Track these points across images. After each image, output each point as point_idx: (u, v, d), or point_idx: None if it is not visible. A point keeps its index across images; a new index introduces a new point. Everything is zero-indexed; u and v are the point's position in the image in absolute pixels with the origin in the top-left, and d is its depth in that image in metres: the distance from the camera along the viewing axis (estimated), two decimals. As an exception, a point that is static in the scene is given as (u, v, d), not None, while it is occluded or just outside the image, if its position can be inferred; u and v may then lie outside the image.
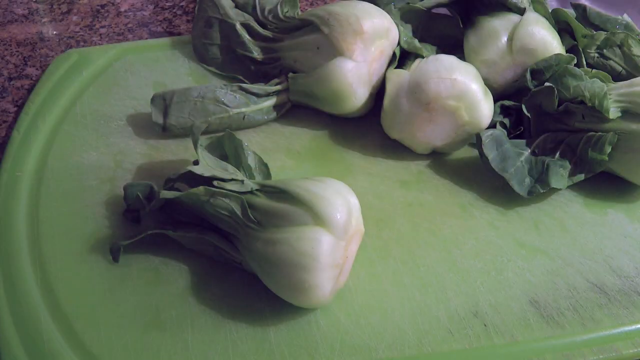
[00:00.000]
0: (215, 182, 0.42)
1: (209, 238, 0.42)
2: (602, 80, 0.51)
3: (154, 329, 0.40)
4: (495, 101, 0.53)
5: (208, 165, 0.44)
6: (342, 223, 0.38)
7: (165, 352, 0.38)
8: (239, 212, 0.40)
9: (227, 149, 0.47)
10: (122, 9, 0.73)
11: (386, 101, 0.53)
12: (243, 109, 0.54)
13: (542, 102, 0.53)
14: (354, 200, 0.41)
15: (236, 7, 0.61)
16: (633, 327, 0.42)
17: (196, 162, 0.44)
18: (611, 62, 0.56)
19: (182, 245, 0.45)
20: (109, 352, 0.38)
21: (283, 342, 0.40)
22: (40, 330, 0.39)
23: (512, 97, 0.56)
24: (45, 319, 0.40)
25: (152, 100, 0.53)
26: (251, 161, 0.46)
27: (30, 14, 0.72)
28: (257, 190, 0.41)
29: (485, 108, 0.51)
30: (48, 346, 0.38)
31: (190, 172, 0.43)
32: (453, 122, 0.51)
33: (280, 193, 0.40)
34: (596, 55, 0.57)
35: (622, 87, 0.50)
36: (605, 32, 0.57)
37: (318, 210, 0.38)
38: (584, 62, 0.56)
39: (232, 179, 0.42)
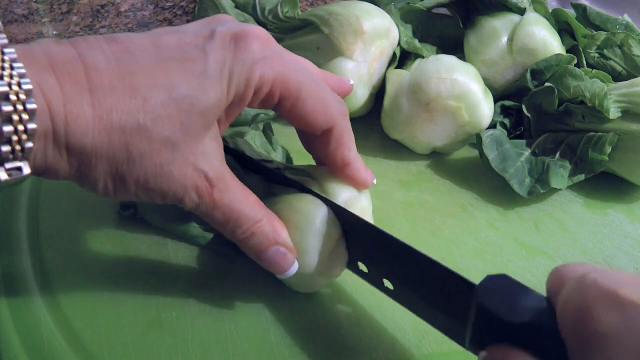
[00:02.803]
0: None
1: None
2: (602, 81, 0.51)
3: (154, 329, 0.40)
4: (495, 101, 0.53)
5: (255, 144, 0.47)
6: (344, 202, 0.39)
7: (165, 352, 0.38)
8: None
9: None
10: (122, 9, 0.73)
11: (386, 101, 0.53)
12: (243, 109, 0.54)
13: (542, 102, 0.53)
14: (364, 197, 0.41)
15: (236, 7, 0.61)
16: (633, 327, 0.42)
17: None
18: (611, 62, 0.56)
19: (182, 245, 0.45)
20: (109, 352, 0.38)
21: (283, 342, 0.40)
22: (40, 330, 0.39)
23: (512, 97, 0.56)
24: (45, 319, 0.40)
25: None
26: (279, 155, 0.48)
27: (30, 14, 0.72)
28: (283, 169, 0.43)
29: (485, 108, 0.51)
30: (48, 346, 0.38)
31: None
32: (453, 122, 0.51)
33: (301, 172, 0.42)
34: (596, 55, 0.57)
35: (623, 87, 0.50)
36: (606, 32, 0.57)
37: (327, 186, 0.39)
38: (584, 62, 0.56)
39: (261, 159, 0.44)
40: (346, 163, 0.39)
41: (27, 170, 0.29)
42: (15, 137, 0.28)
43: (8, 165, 0.28)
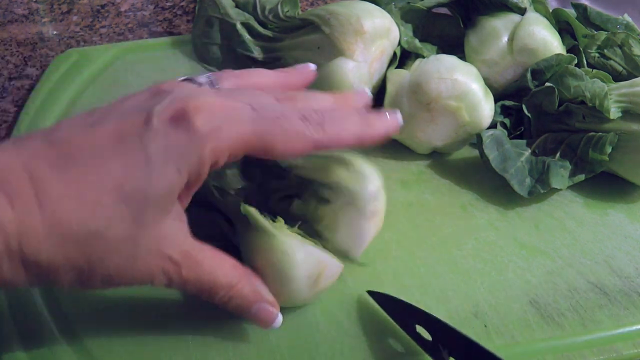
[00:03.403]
0: None
1: (215, 218, 0.43)
2: (602, 81, 0.51)
3: (154, 329, 0.40)
4: (495, 101, 0.53)
5: None
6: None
7: (165, 353, 0.38)
8: None
9: None
10: (122, 9, 0.73)
11: (386, 101, 0.53)
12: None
13: (543, 102, 0.53)
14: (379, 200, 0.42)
15: (236, 6, 0.61)
16: (633, 327, 0.42)
17: None
18: (612, 62, 0.56)
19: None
20: (109, 352, 0.38)
21: (283, 342, 0.40)
22: (40, 331, 0.39)
23: (512, 97, 0.56)
24: (45, 319, 0.40)
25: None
26: None
27: (30, 14, 0.72)
28: None
29: (485, 108, 0.51)
30: (48, 346, 0.38)
31: None
32: (454, 122, 0.51)
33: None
34: (597, 55, 0.56)
35: (623, 87, 0.50)
36: (606, 32, 0.56)
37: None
38: (585, 62, 0.56)
39: None
40: (359, 140, 0.37)
41: None
42: None
43: None
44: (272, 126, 0.33)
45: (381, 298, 0.41)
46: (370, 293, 0.42)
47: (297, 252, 0.37)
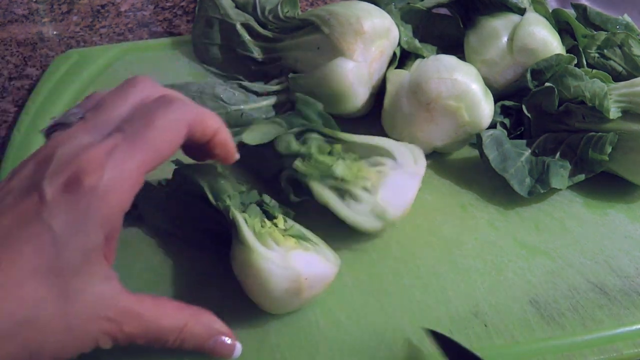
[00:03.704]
0: None
1: (216, 215, 0.43)
2: (602, 81, 0.51)
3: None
4: (495, 101, 0.53)
5: None
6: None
7: (165, 353, 0.38)
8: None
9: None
10: (122, 9, 0.73)
11: (386, 101, 0.53)
12: (241, 106, 0.54)
13: (543, 102, 0.53)
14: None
15: (236, 7, 0.61)
16: (634, 327, 0.42)
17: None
18: (611, 62, 0.56)
19: (183, 245, 0.45)
20: (109, 352, 0.38)
21: (283, 342, 0.40)
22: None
23: (512, 97, 0.56)
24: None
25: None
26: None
27: (30, 14, 0.72)
28: None
29: (485, 108, 0.51)
30: None
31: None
32: (453, 122, 0.51)
33: None
34: (596, 55, 0.57)
35: (623, 87, 0.50)
36: (606, 32, 0.57)
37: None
38: (585, 62, 0.56)
39: None
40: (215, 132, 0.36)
41: None
42: None
43: None
44: (147, 134, 0.32)
45: (442, 339, 0.39)
46: (431, 332, 0.40)
47: (273, 269, 0.38)
